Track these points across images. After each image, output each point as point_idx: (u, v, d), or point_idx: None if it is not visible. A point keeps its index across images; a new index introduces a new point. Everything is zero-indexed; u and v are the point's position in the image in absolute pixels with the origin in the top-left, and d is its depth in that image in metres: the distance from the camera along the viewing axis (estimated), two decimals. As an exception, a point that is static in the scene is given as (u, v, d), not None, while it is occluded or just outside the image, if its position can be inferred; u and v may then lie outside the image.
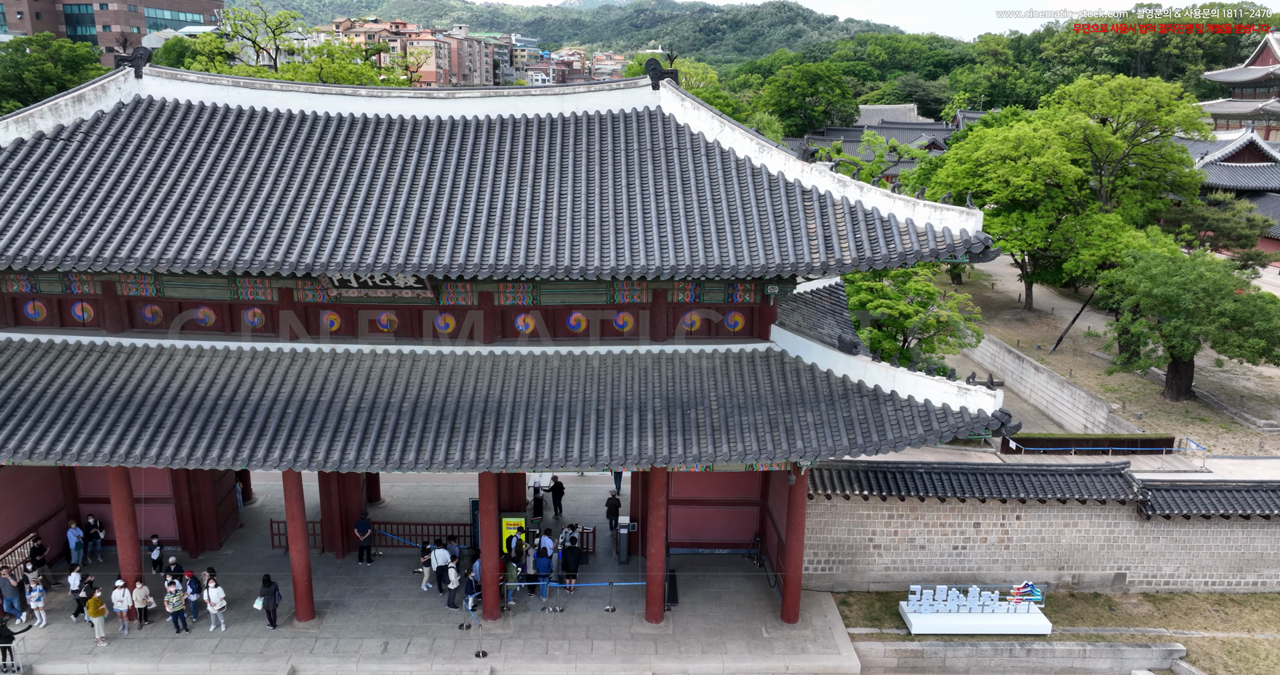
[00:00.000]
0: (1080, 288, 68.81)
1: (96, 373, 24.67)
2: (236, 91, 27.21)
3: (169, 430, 23.05)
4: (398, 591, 28.86)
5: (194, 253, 22.32)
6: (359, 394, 24.43)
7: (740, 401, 24.25)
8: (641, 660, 25.76)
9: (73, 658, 25.23)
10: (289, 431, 23.21)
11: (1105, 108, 50.69)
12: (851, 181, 23.62)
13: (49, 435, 22.66)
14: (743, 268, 22.27)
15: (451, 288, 25.71)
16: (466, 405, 24.12)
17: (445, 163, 25.81)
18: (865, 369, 24.23)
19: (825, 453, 22.56)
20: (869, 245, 22.26)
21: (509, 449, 22.89)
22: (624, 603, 28.36)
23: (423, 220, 23.77)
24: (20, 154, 24.57)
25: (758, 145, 25.41)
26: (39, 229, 22.64)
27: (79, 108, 25.95)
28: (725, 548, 31.40)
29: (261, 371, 25.02)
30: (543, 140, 26.73)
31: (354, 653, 25.81)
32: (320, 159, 25.70)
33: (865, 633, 27.42)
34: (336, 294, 25.50)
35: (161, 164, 25.02)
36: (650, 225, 23.64)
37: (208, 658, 25.39)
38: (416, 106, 27.50)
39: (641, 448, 22.89)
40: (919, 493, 28.43)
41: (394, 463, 22.57)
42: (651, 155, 25.97)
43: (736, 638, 26.83)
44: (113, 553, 30.14)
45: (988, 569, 29.51)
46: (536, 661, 25.66)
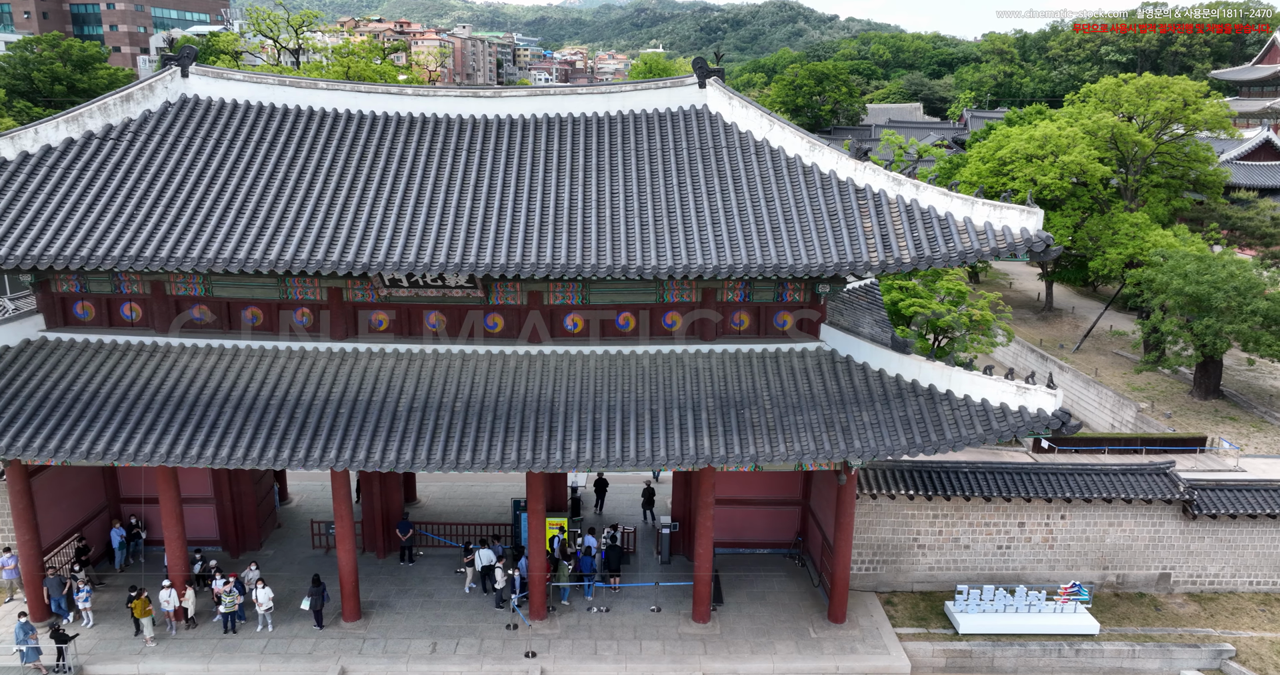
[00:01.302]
0: (1098, 287, 68.76)
1: (147, 372, 24.59)
2: (282, 90, 27.12)
3: (223, 430, 22.98)
4: (441, 592, 28.79)
5: (250, 252, 22.24)
6: (410, 394, 24.35)
7: (793, 401, 24.17)
8: (691, 661, 25.69)
9: (123, 658, 25.15)
10: (343, 431, 23.14)
11: (1132, 106, 50.62)
12: (907, 180, 23.55)
13: (104, 436, 22.58)
14: (800, 267, 22.20)
15: (501, 287, 25.64)
16: (519, 405, 24.04)
17: (494, 162, 25.73)
18: (919, 368, 24.16)
19: (884, 452, 22.49)
20: (928, 244, 22.19)
21: (564, 449, 22.82)
22: (668, 603, 28.30)
23: (476, 219, 23.68)
24: (71, 153, 24.48)
25: (808, 144, 25.33)
26: (95, 228, 22.56)
27: (127, 107, 25.86)
28: (766, 547, 31.34)
29: (312, 371, 24.94)
30: (590, 139, 26.65)
31: (403, 653, 25.74)
32: (369, 158, 25.61)
33: (912, 633, 27.34)
34: (386, 293, 25.42)
35: (211, 163, 24.93)
36: (704, 224, 23.56)
37: (257, 658, 25.32)
38: (462, 105, 27.41)
39: (698, 447, 22.82)
40: (964, 492, 28.37)
41: (450, 463, 22.50)
42: (701, 154, 25.88)
43: (784, 638, 26.76)
44: (154, 553, 30.18)
45: (1032, 569, 29.44)
46: (586, 662, 25.59)
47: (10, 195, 23.00)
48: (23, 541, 25.64)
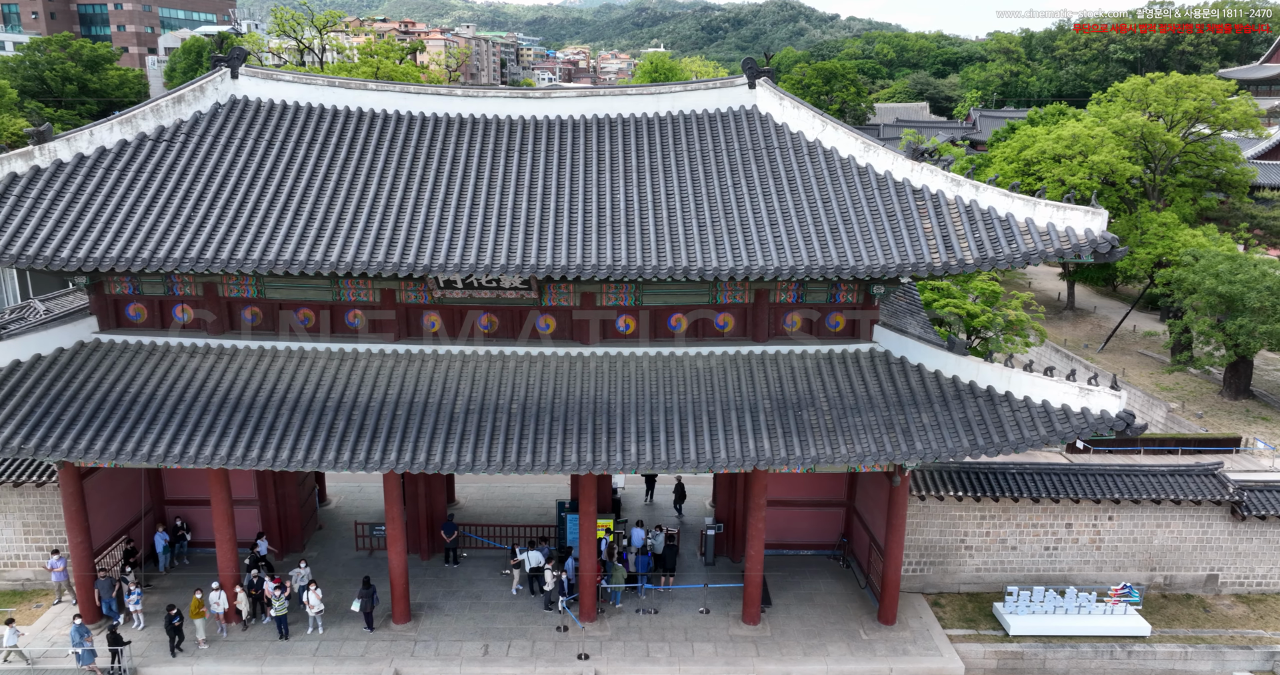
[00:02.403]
0: (1118, 286, 68.74)
1: (201, 374, 24.53)
2: (331, 91, 27.07)
3: (282, 432, 22.93)
4: (489, 593, 28.73)
5: (311, 253, 22.18)
6: (466, 395, 24.30)
7: (850, 402, 24.12)
8: (744, 663, 25.65)
9: (176, 660, 25.08)
10: (401, 433, 23.09)
11: (1161, 105, 50.55)
12: (966, 180, 23.50)
13: (164, 438, 22.52)
14: (862, 268, 22.15)
15: (554, 288, 25.59)
16: (576, 407, 23.99)
17: (547, 163, 25.67)
18: (977, 369, 24.11)
19: (945, 454, 22.44)
20: (990, 245, 22.14)
21: (624, 451, 22.77)
22: (715, 604, 28.24)
23: (533, 221, 23.62)
24: (126, 155, 24.42)
25: (863, 144, 25.28)
26: (155, 231, 22.49)
27: (178, 108, 25.80)
28: (810, 549, 31.29)
29: (366, 373, 24.89)
30: (641, 140, 26.59)
31: (455, 656, 25.68)
32: (422, 159, 25.56)
33: (962, 634, 27.30)
34: (440, 295, 25.37)
35: (265, 164, 24.87)
36: (762, 225, 23.51)
37: (310, 661, 25.26)
38: (511, 106, 27.36)
39: (758, 450, 22.77)
40: (1012, 493, 28.32)
41: (510, 465, 22.45)
42: (754, 155, 25.83)
43: (836, 640, 26.71)
44: (199, 555, 30.13)
45: (1079, 570, 29.39)
46: (639, 664, 25.54)
47: (69, 197, 22.94)
48: (75, 544, 25.58)
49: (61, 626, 26.39)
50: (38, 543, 28.15)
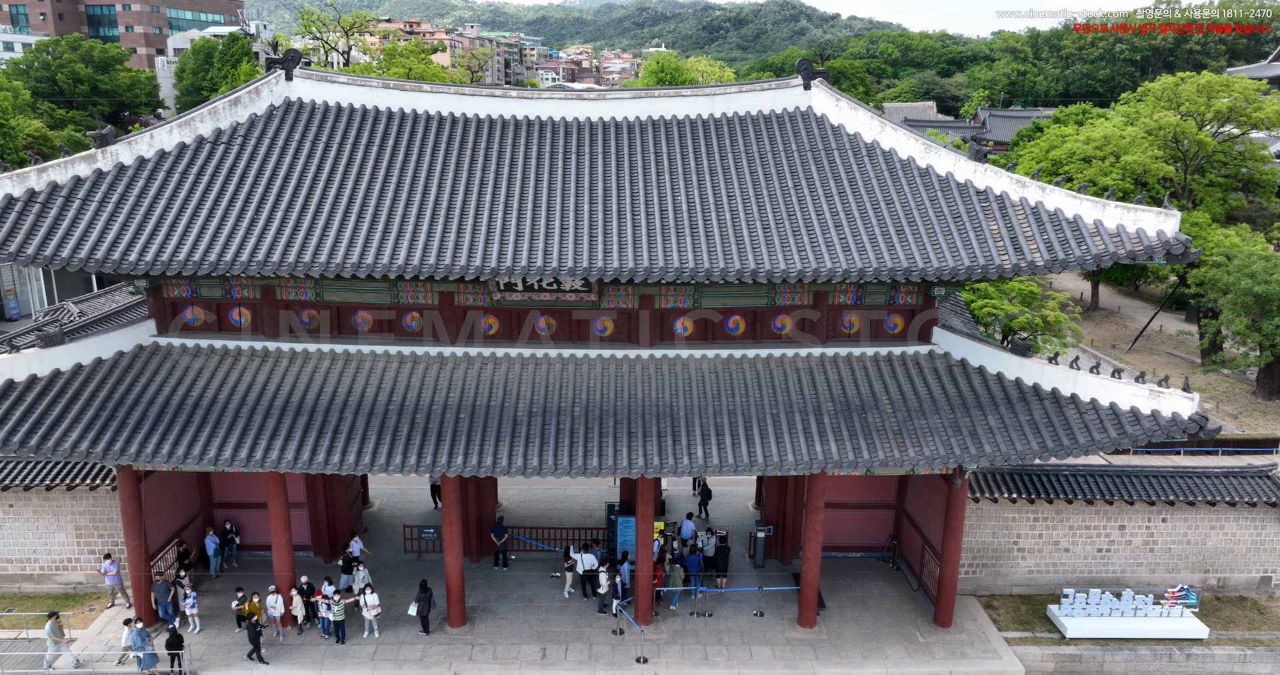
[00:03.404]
0: (1140, 286, 68.67)
1: (261, 377, 24.45)
2: (386, 93, 26.98)
3: (346, 436, 22.84)
4: (541, 596, 28.65)
5: (377, 257, 22.10)
6: (528, 398, 24.21)
7: (914, 405, 24.04)
8: (804, 666, 25.56)
9: (234, 664, 24.99)
10: (466, 436, 23.00)
11: (1193, 104, 50.47)
12: (1031, 182, 23.42)
13: (229, 442, 22.43)
14: (931, 270, 22.07)
15: (613, 290, 25.51)
16: (639, 409, 23.91)
17: (605, 165, 25.59)
18: (1042, 371, 24.03)
19: (1014, 457, 22.36)
20: (1059, 247, 22.07)
21: (690, 454, 22.68)
22: (768, 607, 28.16)
23: (596, 223, 23.54)
24: (185, 158, 24.32)
25: (923, 145, 25.21)
26: (219, 234, 22.41)
27: (234, 111, 25.70)
28: (859, 551, 31.21)
29: (426, 376, 24.80)
30: (698, 141, 26.51)
31: (514, 659, 25.60)
32: (480, 161, 25.47)
33: (1018, 637, 27.21)
34: (500, 297, 25.29)
35: (324, 167, 24.79)
36: (826, 227, 23.43)
37: (369, 665, 25.17)
38: (566, 108, 27.28)
39: (825, 452, 22.68)
40: (1066, 495, 28.24)
41: (577, 468, 22.36)
42: (812, 156, 25.76)
43: (893, 643, 26.63)
44: (247, 558, 30.06)
45: (1132, 572, 29.31)
46: (699, 667, 25.45)
47: (132, 200, 22.85)
48: (132, 547, 25.48)
49: (116, 630, 26.27)
50: (90, 546, 28.05)
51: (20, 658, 25.09)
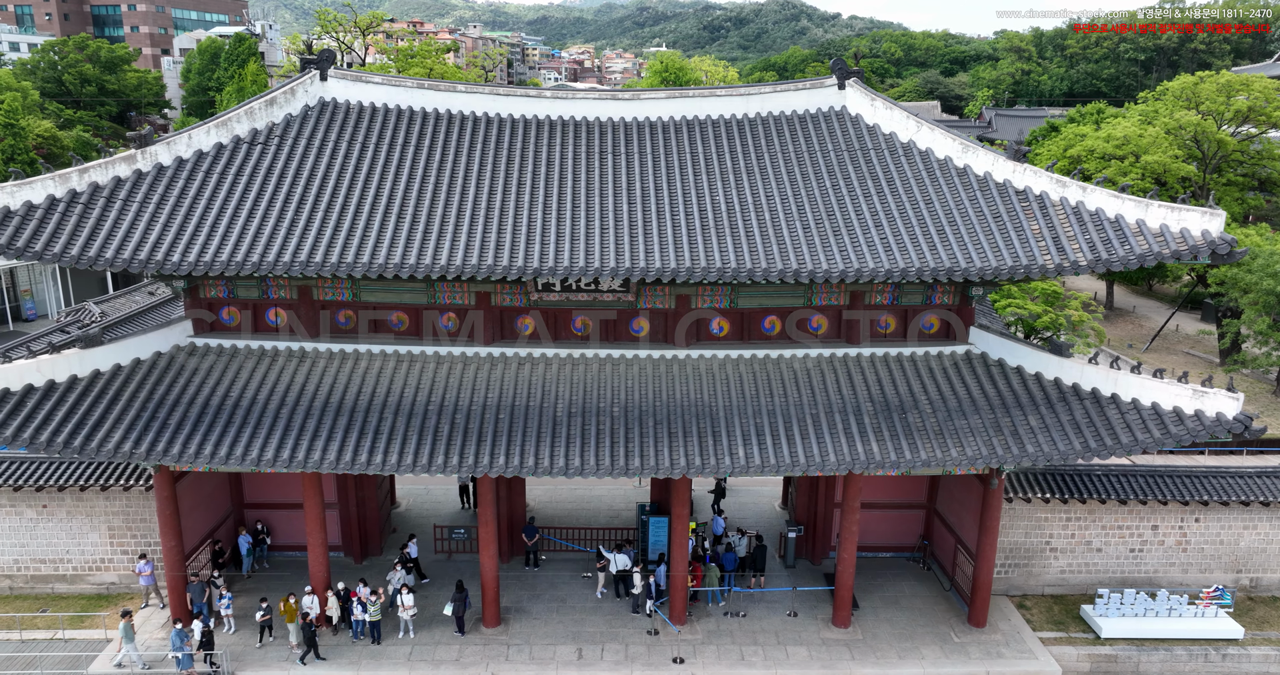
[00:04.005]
0: (1154, 286, 68.65)
1: (300, 378, 24.42)
2: (420, 93, 26.96)
3: (387, 436, 22.81)
4: (573, 596, 28.64)
5: (418, 258, 22.07)
6: (567, 399, 24.19)
7: (954, 405, 24.02)
8: (841, 666, 25.54)
9: (272, 665, 24.98)
10: (507, 437, 22.98)
11: (1213, 104, 50.47)
12: (1072, 182, 23.40)
13: (270, 442, 22.41)
14: (974, 270, 22.05)
15: (650, 291, 25.49)
16: (678, 410, 23.88)
17: (641, 165, 25.57)
18: (1081, 371, 24.01)
19: (1057, 458, 22.34)
20: (1102, 247, 22.04)
21: (733, 454, 22.66)
22: (801, 607, 28.14)
23: (636, 223, 23.52)
24: (223, 158, 24.30)
25: (960, 145, 25.19)
26: (259, 234, 22.39)
27: (270, 111, 25.68)
28: (889, 551, 31.19)
29: (464, 376, 24.78)
30: (733, 141, 26.49)
31: (550, 660, 25.58)
32: (516, 161, 25.45)
33: (1053, 637, 27.19)
34: (537, 297, 25.28)
35: (361, 167, 24.77)
36: (867, 227, 23.41)
37: (405, 665, 25.15)
38: (600, 107, 27.26)
39: (867, 452, 22.67)
40: (1099, 495, 28.23)
41: (619, 468, 22.34)
42: (849, 156, 25.74)
43: (928, 643, 26.61)
44: (278, 558, 30.05)
45: (1164, 572, 29.30)
46: (735, 667, 25.43)
47: (172, 201, 22.82)
48: (168, 547, 25.45)
49: (152, 630, 26.31)
50: (123, 547, 28.04)
51: (58, 658, 25.07)
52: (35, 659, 25.02)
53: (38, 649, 25.49)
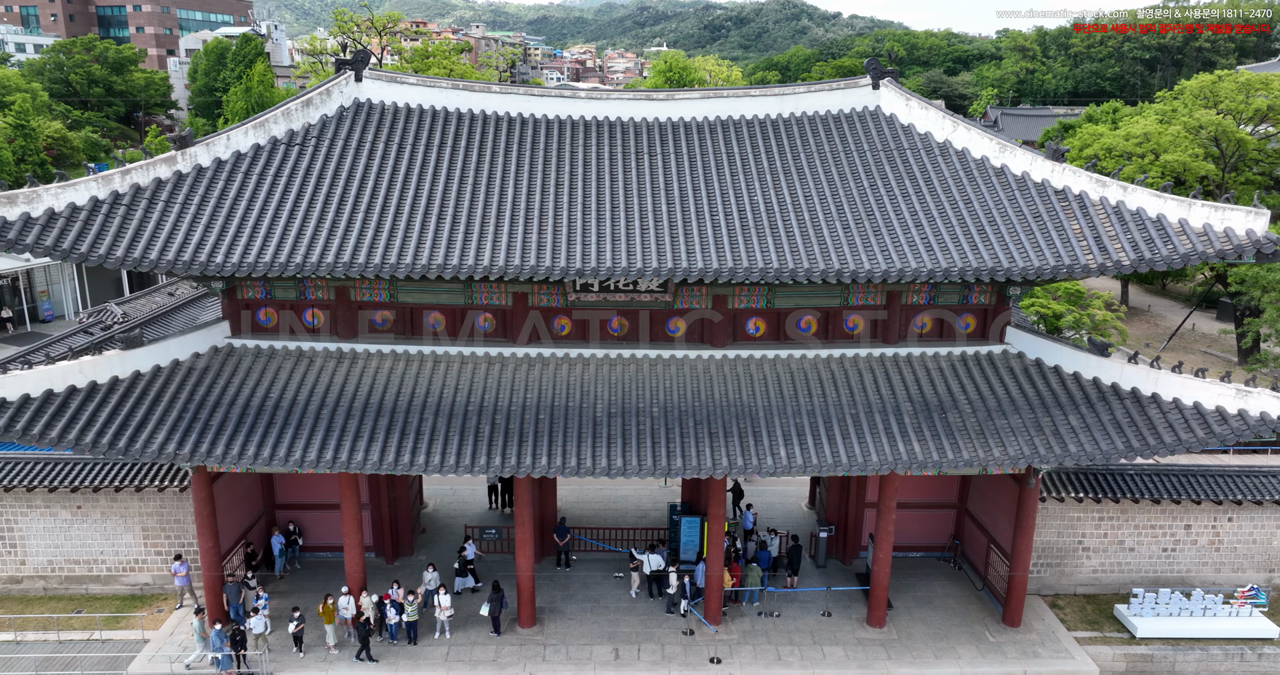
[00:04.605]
0: (1167, 285, 68.64)
1: (339, 379, 24.42)
2: (455, 94, 26.96)
3: (429, 437, 22.82)
4: (606, 597, 28.64)
5: (461, 258, 22.06)
6: (606, 399, 24.19)
7: (993, 404, 24.02)
8: (878, 666, 25.54)
9: (310, 666, 25.00)
10: (548, 437, 22.98)
11: (1232, 102, 50.48)
12: (1112, 181, 23.40)
13: (313, 443, 22.41)
14: (1016, 270, 22.04)
15: (688, 291, 25.49)
16: (717, 410, 23.88)
17: (678, 165, 25.57)
18: (1121, 371, 24.01)
19: (1099, 457, 22.34)
20: (1145, 246, 22.04)
21: (774, 454, 22.67)
22: (835, 607, 28.15)
23: (676, 223, 23.51)
24: (261, 159, 24.29)
25: (998, 145, 25.19)
26: (301, 235, 22.37)
27: (307, 112, 25.67)
28: (919, 551, 31.18)
29: (502, 376, 24.78)
30: (768, 141, 26.49)
31: (587, 660, 25.59)
32: (553, 162, 25.45)
33: (1088, 636, 27.19)
34: (575, 298, 25.28)
35: (399, 167, 24.76)
36: (907, 227, 23.41)
37: (443, 666, 25.16)
38: (635, 108, 27.26)
39: (909, 452, 22.67)
40: (1133, 495, 28.23)
41: (661, 468, 22.34)
42: (885, 156, 25.74)
43: (963, 642, 26.62)
44: (309, 559, 30.07)
45: (1196, 571, 29.30)
46: (772, 668, 25.44)
47: (213, 202, 22.80)
48: (205, 548, 25.44)
49: (188, 630, 26.30)
50: (156, 547, 28.06)
51: (97, 659, 25.10)
52: (74, 659, 25.06)
53: (75, 649, 25.53)
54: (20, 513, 27.40)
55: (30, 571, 27.97)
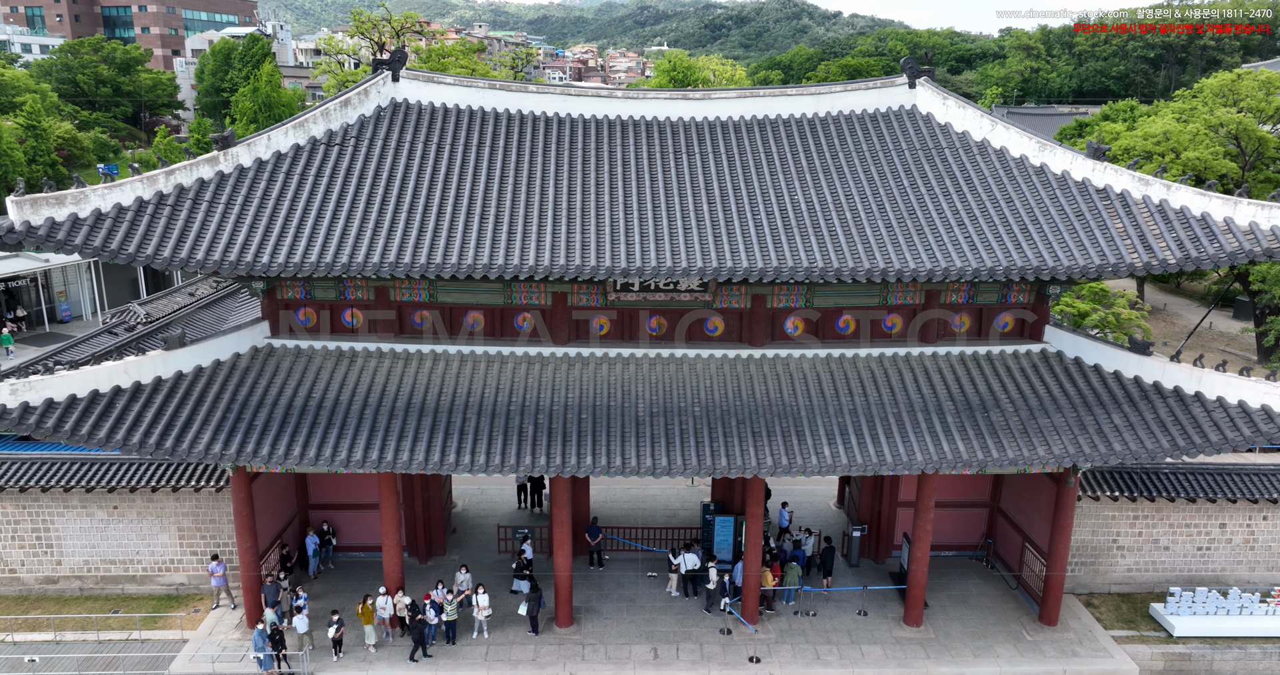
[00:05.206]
0: (1182, 284, 68.65)
1: (380, 378, 24.41)
2: (492, 94, 26.96)
3: (473, 437, 22.81)
4: (641, 596, 28.64)
5: (506, 257, 22.05)
6: (647, 398, 24.19)
7: (1035, 403, 24.03)
8: (917, 665, 25.54)
9: (350, 666, 24.98)
10: (592, 437, 22.99)
11: (1253, 100, 50.48)
12: (1155, 179, 23.40)
13: (358, 443, 22.41)
14: (1061, 269, 22.05)
15: (727, 290, 25.49)
16: (759, 409, 23.88)
17: (717, 164, 25.57)
18: (1163, 370, 24.01)
19: (1145, 456, 22.35)
20: (1191, 245, 22.04)
21: (819, 454, 22.67)
22: (870, 606, 28.15)
23: (718, 222, 23.51)
24: (302, 159, 24.28)
25: (1037, 143, 25.19)
26: (345, 235, 22.37)
27: (345, 112, 25.67)
28: (951, 550, 31.17)
29: (543, 376, 24.77)
30: (805, 140, 26.49)
31: (626, 659, 25.59)
32: (592, 161, 25.45)
33: (1125, 635, 27.20)
34: (615, 297, 25.27)
35: (439, 167, 24.76)
36: (950, 226, 23.40)
37: (483, 665, 25.16)
38: (672, 107, 27.26)
39: (954, 451, 22.67)
40: (1168, 494, 28.23)
41: (706, 468, 22.35)
42: (924, 155, 25.74)
43: (1001, 641, 26.61)
44: (342, 559, 30.06)
45: (1231, 570, 29.31)
46: (812, 667, 25.43)
47: (256, 202, 22.80)
48: (244, 548, 25.45)
49: (226, 630, 26.31)
50: (192, 548, 28.05)
51: (137, 659, 25.10)
52: (114, 659, 25.05)
53: (115, 649, 25.52)
54: (57, 513, 27.39)
55: (66, 571, 27.97)
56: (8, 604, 27.54)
